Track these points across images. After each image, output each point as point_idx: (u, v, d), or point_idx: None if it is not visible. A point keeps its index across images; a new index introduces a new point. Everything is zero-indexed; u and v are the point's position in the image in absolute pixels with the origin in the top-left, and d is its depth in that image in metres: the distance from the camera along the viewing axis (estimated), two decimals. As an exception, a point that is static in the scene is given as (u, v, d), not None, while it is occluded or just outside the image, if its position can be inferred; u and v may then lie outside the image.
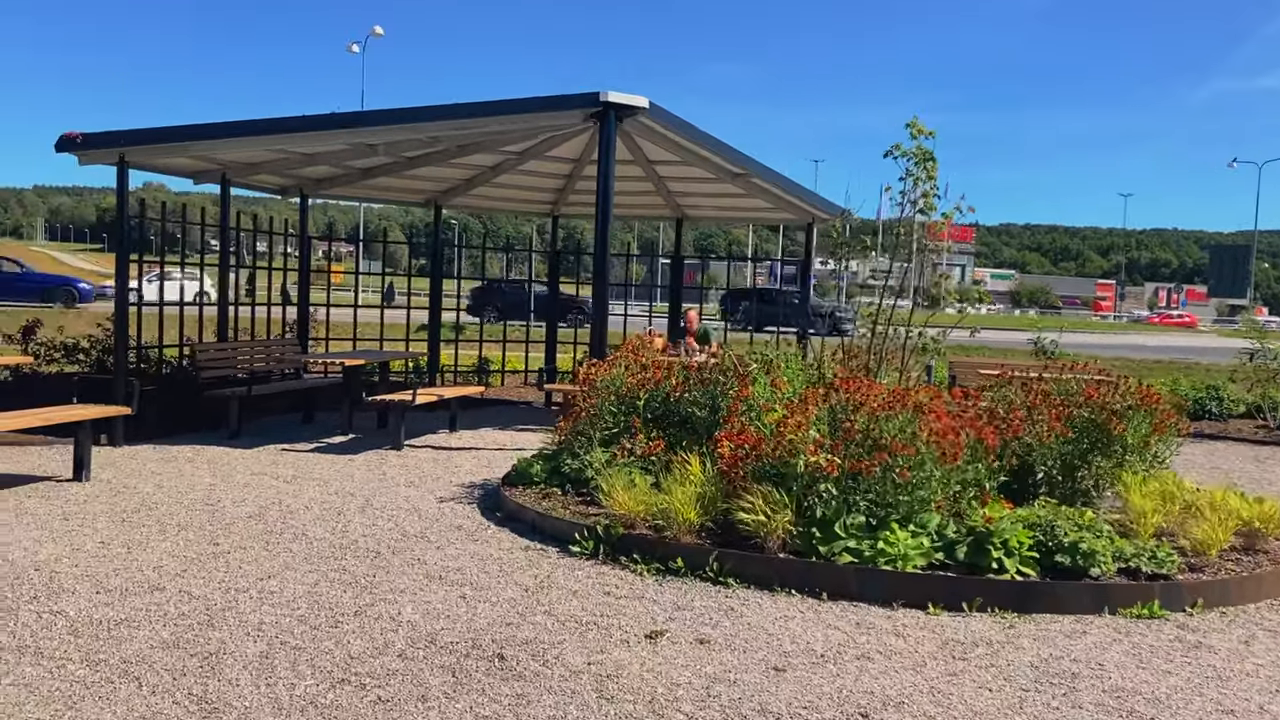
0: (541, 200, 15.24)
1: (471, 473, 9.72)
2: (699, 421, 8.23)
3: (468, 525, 7.51)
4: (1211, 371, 24.15)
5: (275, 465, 9.77)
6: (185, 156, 11.01)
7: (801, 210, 14.27)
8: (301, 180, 13.41)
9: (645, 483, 7.42)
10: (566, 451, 8.46)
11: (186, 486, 8.62)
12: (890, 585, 6.03)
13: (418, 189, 14.36)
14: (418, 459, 10.41)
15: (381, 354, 13.09)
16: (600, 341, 11.11)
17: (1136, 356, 32.54)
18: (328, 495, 8.48)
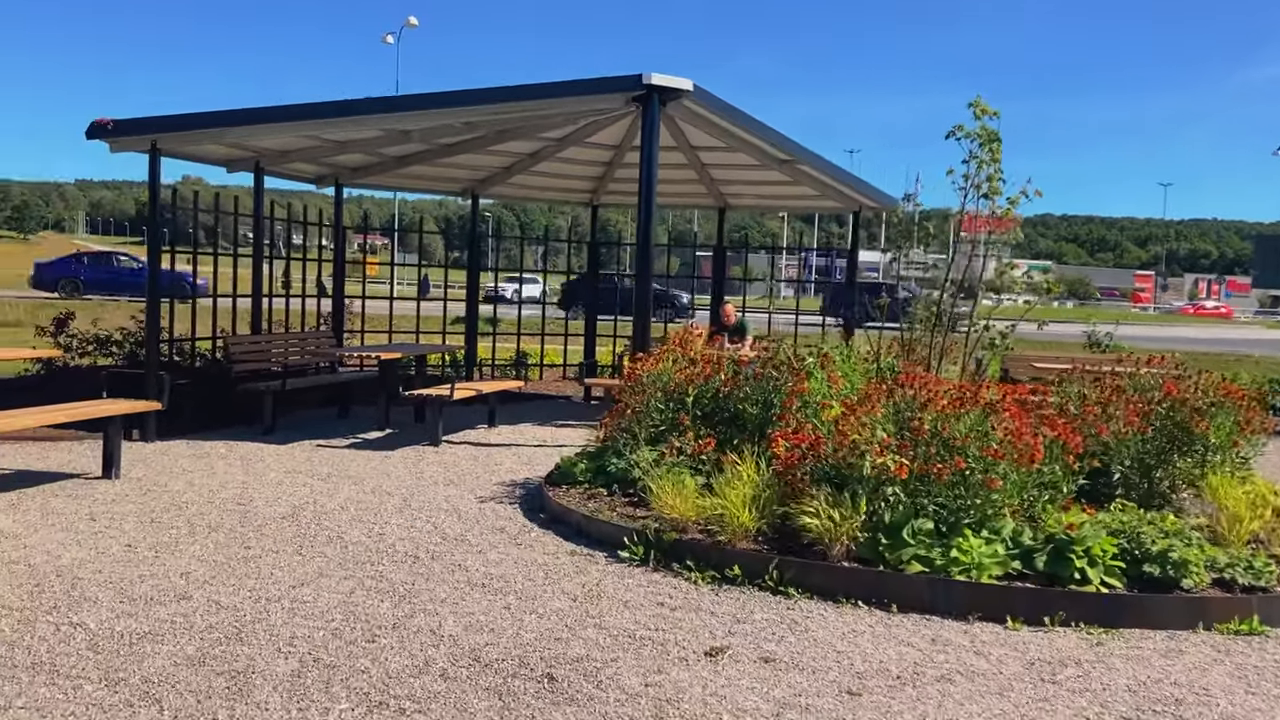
0: (580, 189, 14.87)
1: (512, 471, 9.37)
2: (750, 419, 7.82)
3: (510, 528, 7.15)
4: (1263, 364, 23.41)
5: (310, 463, 9.47)
6: (217, 143, 10.72)
7: (849, 199, 13.80)
8: (336, 169, 13.10)
9: (695, 484, 7.03)
10: (611, 450, 8.08)
11: (218, 485, 8.32)
12: (966, 597, 5.60)
13: (454, 177, 14.03)
14: (456, 456, 10.07)
15: (418, 347, 12.77)
16: (643, 336, 10.73)
17: (1183, 349, 31.72)
18: (364, 494, 8.15)
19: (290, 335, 12.69)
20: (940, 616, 5.52)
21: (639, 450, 7.64)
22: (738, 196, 14.73)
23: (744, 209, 15.45)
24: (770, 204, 15.05)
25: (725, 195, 14.59)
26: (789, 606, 5.60)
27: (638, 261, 10.83)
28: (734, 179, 13.87)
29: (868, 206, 14.15)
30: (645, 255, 10.71)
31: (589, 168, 13.94)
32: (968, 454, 6.16)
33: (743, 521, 6.23)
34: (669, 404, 7.95)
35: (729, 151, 12.44)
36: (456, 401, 10.91)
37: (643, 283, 10.75)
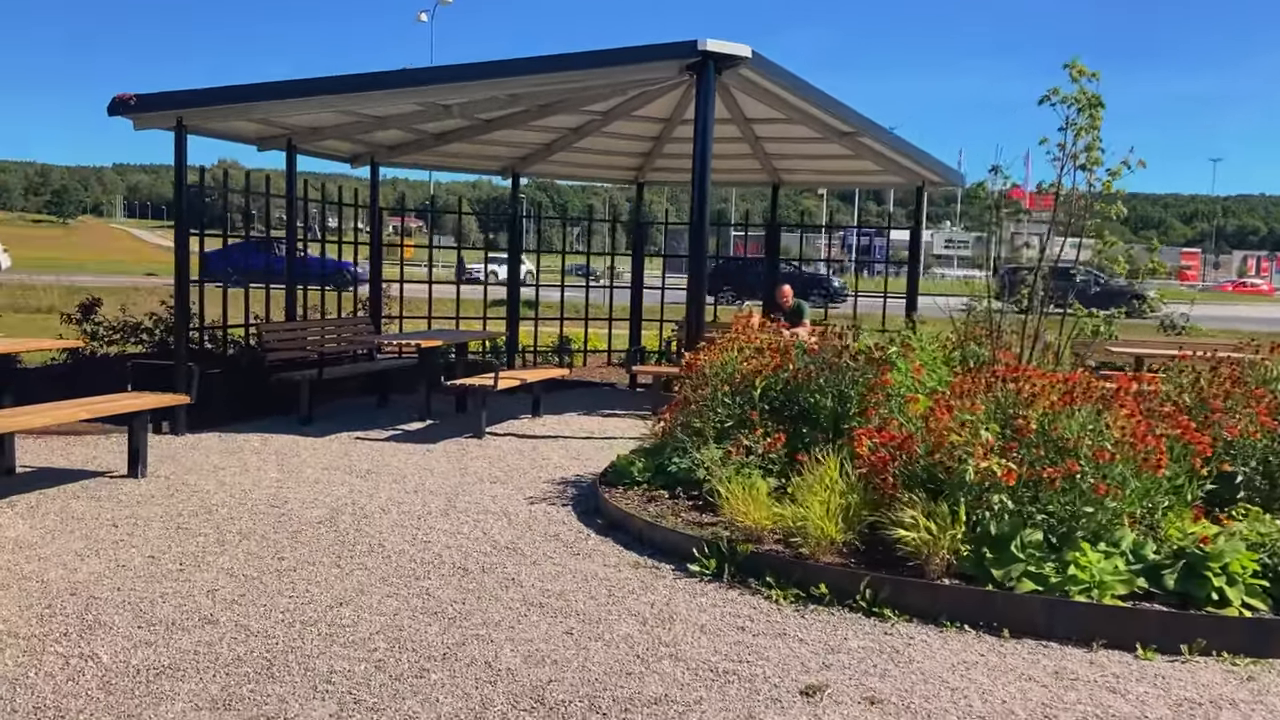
0: (625, 166, 14.21)
1: (561, 466, 8.77)
2: (823, 413, 7.16)
3: (565, 534, 6.54)
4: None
5: (348, 457, 8.91)
6: (247, 119, 10.15)
7: (912, 173, 13.06)
8: (372, 147, 12.52)
9: (767, 486, 6.40)
10: (670, 447, 7.45)
11: (251, 484, 7.78)
12: (1088, 620, 4.93)
13: (494, 155, 13.41)
14: (501, 449, 9.48)
15: (459, 334, 12.19)
16: (698, 322, 10.11)
17: (1247, 329, 30.65)
18: (406, 494, 7.58)
19: (326, 322, 12.15)
20: (1059, 643, 4.85)
21: (703, 449, 7.00)
22: (792, 172, 14.00)
23: (797, 185, 14.74)
24: (827, 180, 14.34)
25: (779, 171, 13.87)
26: (886, 631, 4.96)
27: (691, 241, 10.18)
28: (790, 153, 13.16)
29: (932, 182, 13.41)
30: (700, 235, 10.06)
31: (635, 143, 13.27)
32: (1080, 456, 5.48)
33: (828, 533, 5.58)
34: (734, 397, 7.30)
35: (787, 124, 11.73)
36: (500, 390, 10.32)
37: (696, 264, 10.11)
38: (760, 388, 7.15)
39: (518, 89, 9.94)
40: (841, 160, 12.99)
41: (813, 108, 10.86)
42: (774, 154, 13.28)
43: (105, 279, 32.38)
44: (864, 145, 12.22)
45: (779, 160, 13.51)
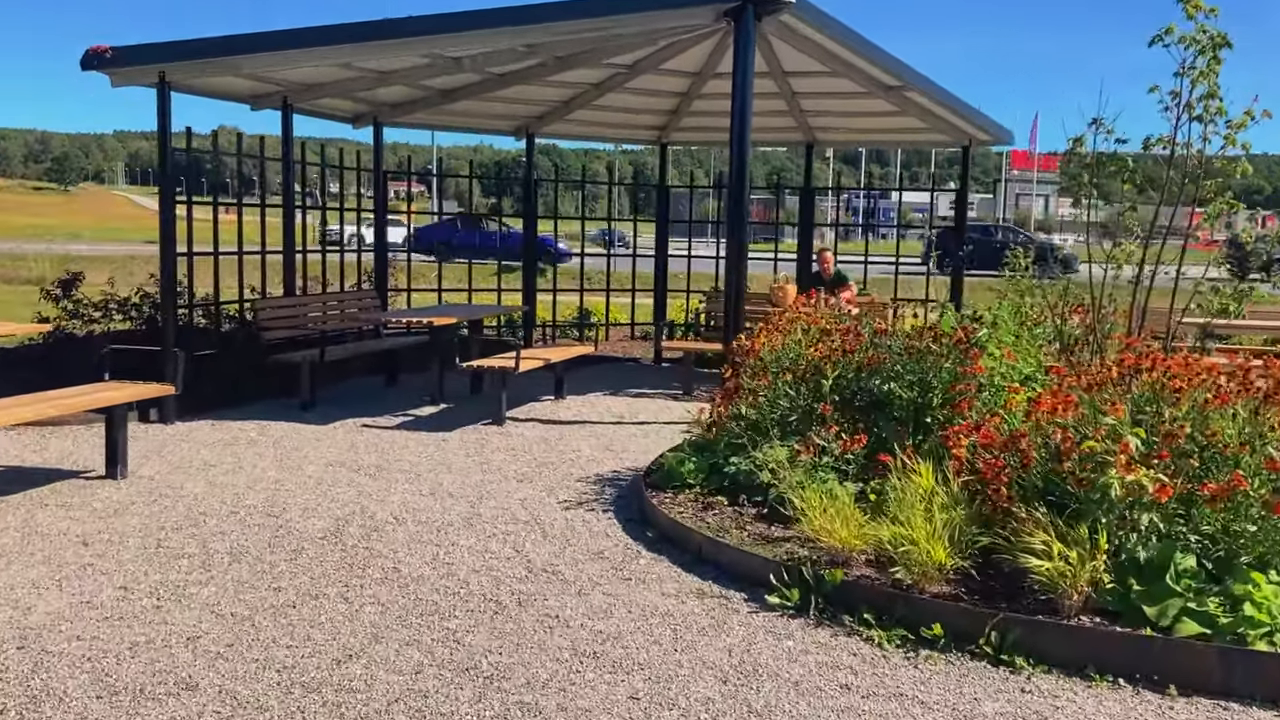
0: (648, 125, 13.16)
1: (594, 459, 7.83)
2: (901, 405, 6.20)
3: (611, 550, 5.60)
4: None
5: (354, 450, 7.98)
6: (237, 75, 9.13)
7: (959, 131, 12.03)
8: (375, 106, 11.49)
9: (847, 494, 5.46)
10: (724, 443, 6.50)
11: (245, 484, 6.85)
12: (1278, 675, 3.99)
13: (507, 114, 12.37)
14: (524, 438, 8.54)
15: (474, 309, 11.21)
16: (737, 296, 9.14)
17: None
18: (421, 497, 6.64)
19: (328, 296, 11.17)
20: (1242, 703, 3.92)
21: (765, 447, 6.04)
22: (828, 130, 12.95)
23: (834, 144, 13.70)
24: (866, 138, 13.31)
25: (814, 129, 12.82)
26: (1023, 688, 4.02)
27: (730, 206, 9.18)
28: (829, 109, 12.11)
29: (979, 141, 12.38)
30: (740, 197, 9.06)
31: (661, 99, 12.22)
32: (1243, 466, 4.53)
33: (935, 557, 4.63)
34: (799, 387, 6.34)
35: (829, 77, 10.69)
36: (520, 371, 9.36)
37: (736, 230, 9.11)
38: (832, 377, 6.17)
39: (537, 38, 8.90)
40: (884, 118, 11.95)
41: (858, 59, 9.82)
42: (810, 110, 12.23)
43: (102, 247, 31.38)
44: (910, 101, 11.18)
45: (815, 118, 12.46)
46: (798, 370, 6.34)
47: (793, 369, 6.39)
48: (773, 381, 6.35)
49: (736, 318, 9.20)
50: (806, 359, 6.39)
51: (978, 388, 5.88)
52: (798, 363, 6.41)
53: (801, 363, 6.39)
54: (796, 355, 6.44)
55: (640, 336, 14.30)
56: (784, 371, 6.41)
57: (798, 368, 6.35)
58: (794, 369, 6.38)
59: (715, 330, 12.95)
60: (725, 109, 12.41)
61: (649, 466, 6.91)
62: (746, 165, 8.99)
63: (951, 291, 12.48)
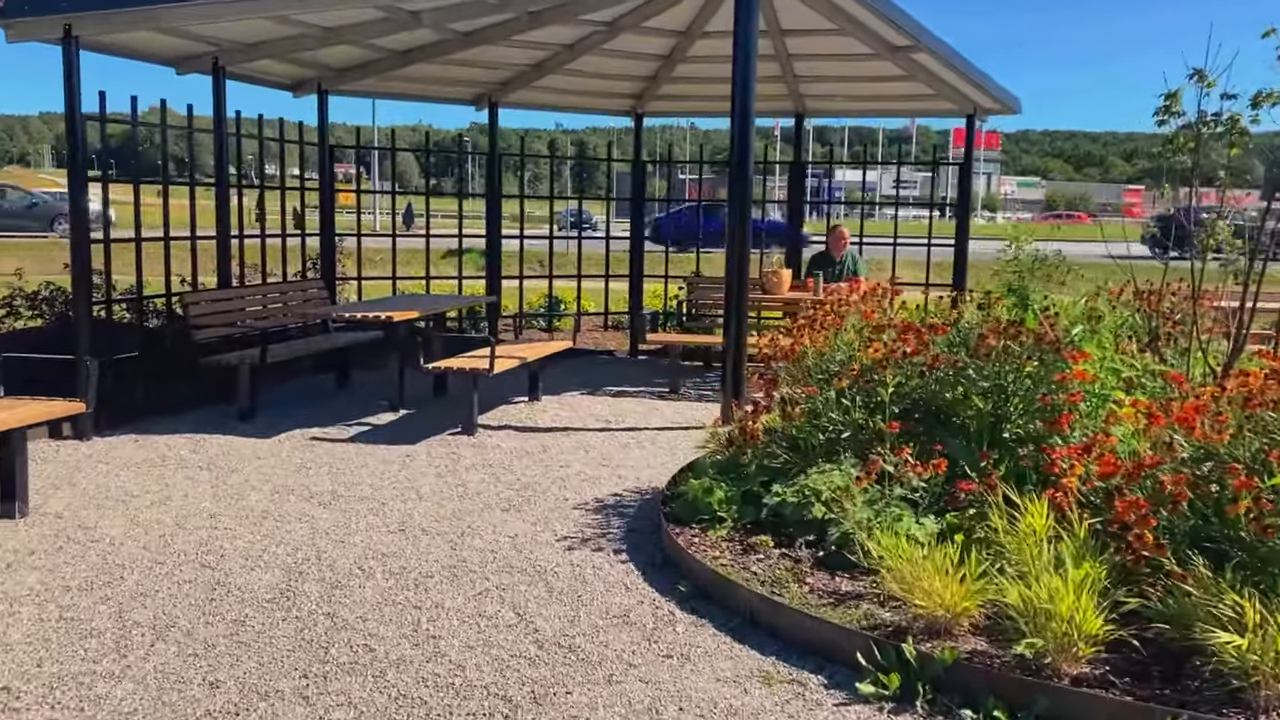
0: (623, 94, 11.96)
1: (588, 477, 6.70)
2: (973, 418, 5.14)
3: (637, 612, 4.47)
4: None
5: (304, 471, 6.77)
6: (157, 29, 7.79)
7: (964, 98, 11.00)
8: (319, 69, 10.18)
9: (927, 533, 4.41)
10: (758, 463, 5.40)
11: (174, 521, 5.63)
12: None
13: (467, 79, 11.10)
14: (502, 451, 7.39)
15: (438, 300, 9.96)
16: (740, 285, 8.05)
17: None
18: (390, 534, 5.47)
19: (269, 287, 9.87)
20: None
21: (818, 473, 4.95)
22: (822, 99, 11.85)
23: (826, 113, 12.58)
24: (862, 107, 12.23)
25: (805, 98, 11.72)
26: (1238, 825, 2.98)
27: (732, 183, 8.07)
28: (826, 74, 11.00)
29: (985, 109, 11.37)
30: (744, 173, 7.96)
31: (640, 63, 11.03)
32: None
33: (1086, 628, 3.57)
34: (854, 397, 5.24)
35: (833, 36, 9.58)
36: (494, 373, 8.17)
37: (739, 211, 8.01)
38: (893, 385, 5.07)
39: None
40: (887, 83, 10.88)
41: (869, 14, 8.74)
42: (805, 75, 11.11)
43: (17, 234, 29.39)
44: (918, 64, 10.11)
45: (809, 84, 11.34)
46: (849, 375, 5.24)
47: (844, 374, 5.29)
48: (821, 390, 5.24)
49: (739, 308, 8.13)
50: (860, 362, 5.29)
51: (1068, 398, 4.83)
52: (848, 366, 5.31)
53: (854, 365, 5.29)
54: (848, 357, 5.34)
55: (614, 326, 13.15)
56: (833, 378, 5.30)
57: (849, 372, 5.24)
58: (845, 374, 5.28)
59: (697, 320, 11.86)
60: (712, 74, 11.35)
61: (664, 492, 5.79)
62: (750, 134, 7.92)
63: (954, 273, 11.48)
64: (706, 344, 10.62)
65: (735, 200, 8.06)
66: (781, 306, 11.41)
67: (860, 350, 5.29)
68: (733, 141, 7.97)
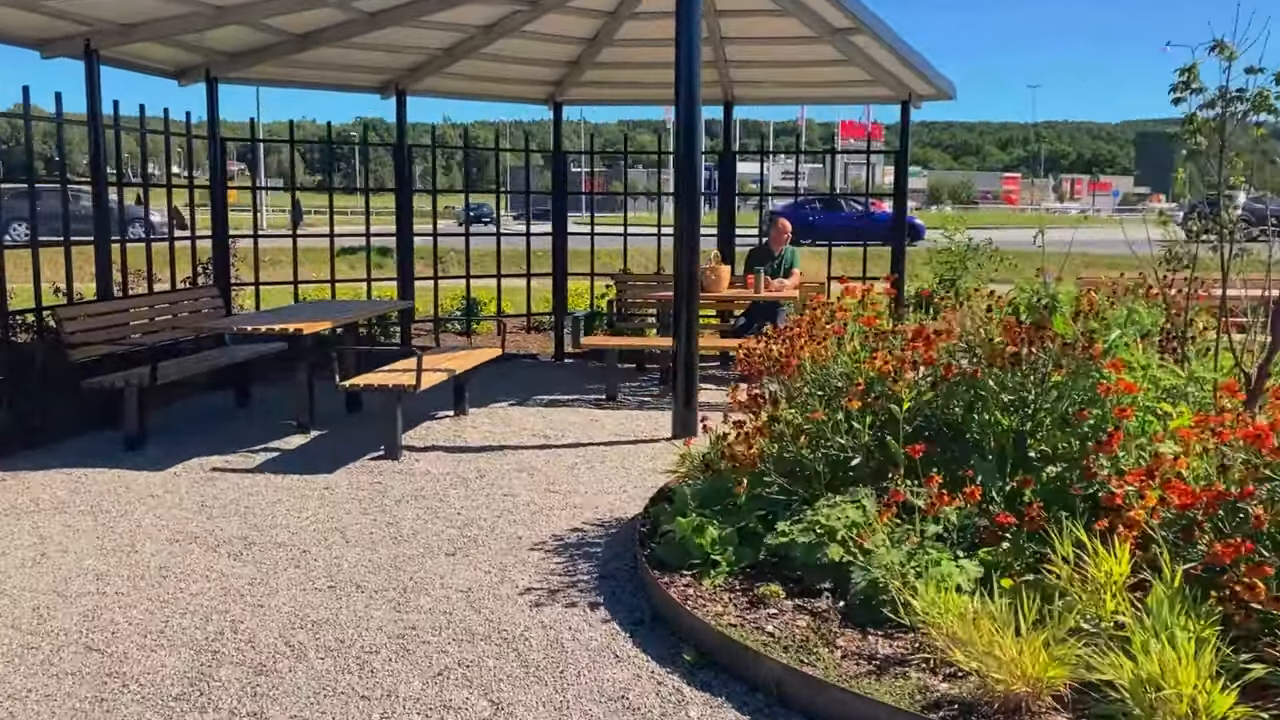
0: (543, 80, 11.09)
1: (538, 508, 5.91)
2: (1000, 435, 4.51)
3: (637, 693, 3.69)
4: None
5: (207, 512, 5.84)
6: (16, 6, 6.72)
7: (900, 84, 10.46)
8: (208, 54, 9.13)
9: (968, 578, 3.76)
10: (750, 494, 4.68)
11: (51, 588, 4.67)
12: None
13: (374, 65, 10.13)
14: (434, 479, 6.55)
15: (347, 306, 8.99)
16: (690, 282, 7.40)
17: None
18: (318, 593, 4.61)
19: (156, 297, 8.80)
20: None
21: (829, 507, 4.26)
22: (753, 86, 11.14)
23: (756, 101, 11.93)
24: (795, 94, 11.58)
25: (735, 84, 11.01)
26: None
27: (678, 174, 7.37)
28: (756, 58, 10.33)
29: (921, 95, 10.85)
30: (691, 162, 7.30)
31: (562, 47, 10.20)
32: None
33: (1215, 709, 2.93)
34: (865, 415, 4.55)
35: (772, 17, 8.93)
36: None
37: (689, 205, 7.34)
38: (909, 400, 4.40)
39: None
40: (823, 68, 10.27)
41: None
42: (736, 60, 10.43)
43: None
44: (857, 47, 9.54)
45: (740, 69, 10.66)
46: (854, 391, 4.54)
47: (849, 390, 4.59)
48: (826, 408, 4.53)
49: (690, 309, 7.46)
50: (865, 375, 4.60)
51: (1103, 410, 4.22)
52: (853, 380, 4.62)
53: (859, 380, 4.59)
54: (852, 370, 4.64)
55: (535, 328, 12.33)
56: (836, 394, 4.60)
57: (854, 388, 4.55)
58: (850, 390, 4.58)
59: (627, 320, 11.13)
60: (640, 58, 10.58)
61: (639, 527, 5.04)
62: (697, 122, 7.29)
63: (893, 265, 10.96)
64: (651, 347, 9.88)
65: (683, 194, 7.38)
66: (718, 305, 10.76)
67: (866, 361, 4.60)
68: (677, 132, 7.34)
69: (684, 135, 7.27)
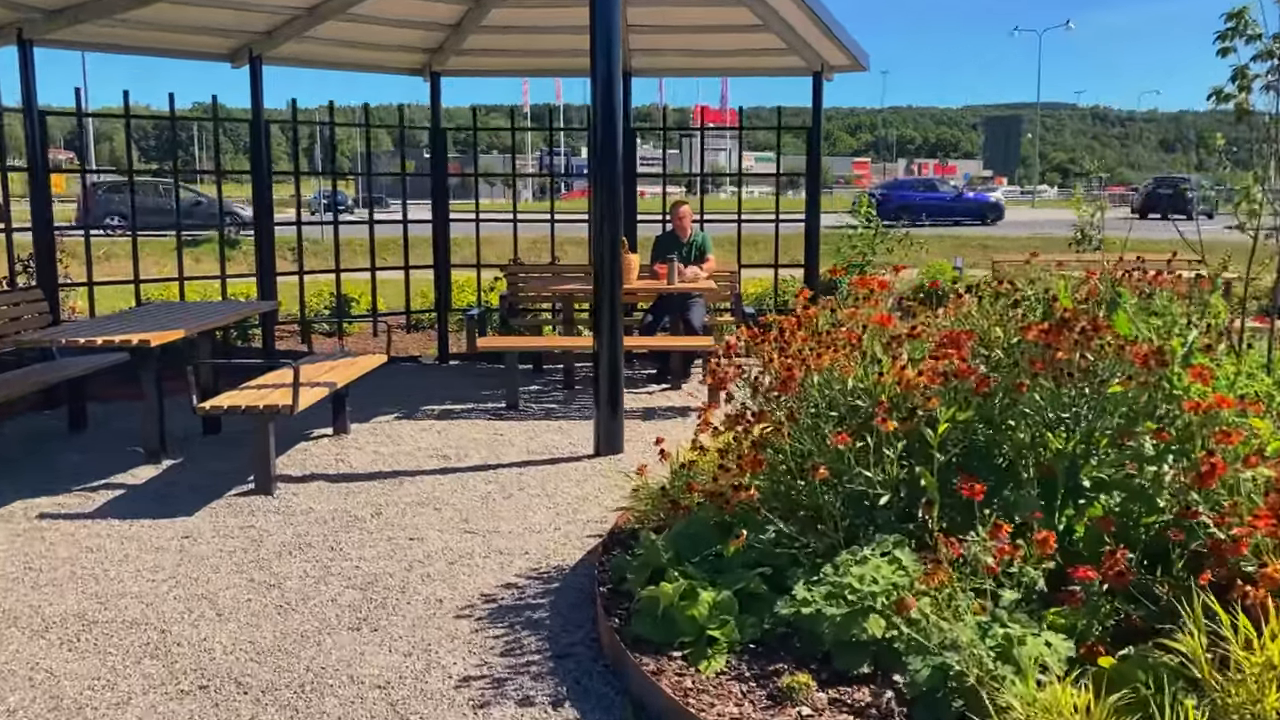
0: (418, 48, 9.84)
1: (457, 555, 4.85)
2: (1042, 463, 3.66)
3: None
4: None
5: (32, 577, 4.60)
6: None
7: (815, 54, 9.65)
8: (19, 11, 7.64)
9: (1056, 657, 2.90)
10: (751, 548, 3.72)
11: None
12: None
13: (222, 26, 8.72)
14: (319, 519, 5.41)
15: (204, 311, 7.62)
16: (613, 275, 6.46)
17: (1016, 233, 30.03)
18: (182, 703, 3.48)
19: (-39, 302, 7.31)
20: None
21: (861, 561, 3.35)
22: (654, 54, 10.09)
23: (655, 72, 10.90)
24: (700, 64, 10.53)
25: (635, 52, 9.93)
26: None
27: (598, 151, 6.36)
28: (661, 23, 9.31)
29: (834, 66, 10.06)
30: (611, 135, 6.33)
31: (443, 7, 9.01)
32: None
33: None
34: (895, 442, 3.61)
35: (686, -27, 7.98)
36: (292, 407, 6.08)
37: (608, 183, 6.36)
38: (946, 420, 3.50)
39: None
40: (736, 34, 9.35)
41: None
42: (639, 25, 9.40)
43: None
44: (774, 12, 8.69)
45: (642, 35, 9.62)
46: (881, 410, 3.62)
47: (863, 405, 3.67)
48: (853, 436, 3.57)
49: (613, 304, 6.50)
50: (888, 392, 3.68)
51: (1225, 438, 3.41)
52: (874, 397, 3.69)
53: (882, 396, 3.67)
54: (873, 387, 3.71)
55: (415, 327, 11.13)
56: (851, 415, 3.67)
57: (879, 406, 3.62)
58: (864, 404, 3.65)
59: (519, 316, 10.08)
60: (531, 21, 9.45)
61: (599, 584, 4.03)
62: (617, 92, 6.34)
63: (806, 252, 10.18)
64: (566, 348, 8.83)
65: (602, 173, 6.39)
66: (624, 298, 9.77)
67: (892, 372, 3.67)
68: (594, 104, 6.33)
69: (602, 102, 6.28)
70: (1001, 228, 34.13)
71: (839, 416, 3.68)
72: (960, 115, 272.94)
